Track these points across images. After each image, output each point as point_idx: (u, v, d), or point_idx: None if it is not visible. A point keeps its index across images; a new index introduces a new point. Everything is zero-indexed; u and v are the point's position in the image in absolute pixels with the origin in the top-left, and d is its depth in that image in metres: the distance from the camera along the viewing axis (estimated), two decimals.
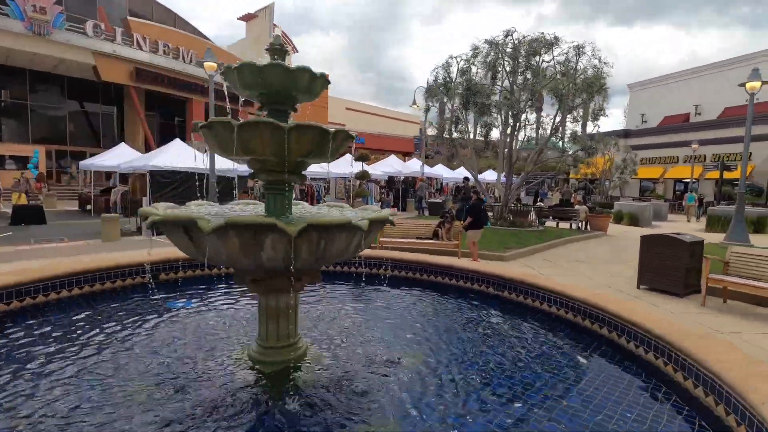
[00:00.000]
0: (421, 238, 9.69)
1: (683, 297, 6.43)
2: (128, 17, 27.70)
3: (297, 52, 51.90)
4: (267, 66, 2.92)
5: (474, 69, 14.04)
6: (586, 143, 13.37)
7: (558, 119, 13.48)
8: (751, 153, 27.19)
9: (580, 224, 14.99)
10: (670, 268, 6.59)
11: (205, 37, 35.53)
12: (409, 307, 4.72)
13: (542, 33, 13.12)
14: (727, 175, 24.52)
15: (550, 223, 15.54)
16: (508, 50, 12.92)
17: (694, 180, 27.58)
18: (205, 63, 10.55)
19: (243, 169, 15.98)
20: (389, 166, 23.16)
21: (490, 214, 13.68)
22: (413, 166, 25.06)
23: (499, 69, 13.25)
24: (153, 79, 27.26)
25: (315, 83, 3.01)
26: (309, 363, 3.18)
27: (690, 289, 6.58)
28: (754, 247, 7.78)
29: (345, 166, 19.43)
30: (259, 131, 2.77)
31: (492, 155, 16.96)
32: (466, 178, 15.32)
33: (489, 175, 25.70)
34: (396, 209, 21.10)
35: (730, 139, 28.68)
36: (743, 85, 12.11)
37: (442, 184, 29.13)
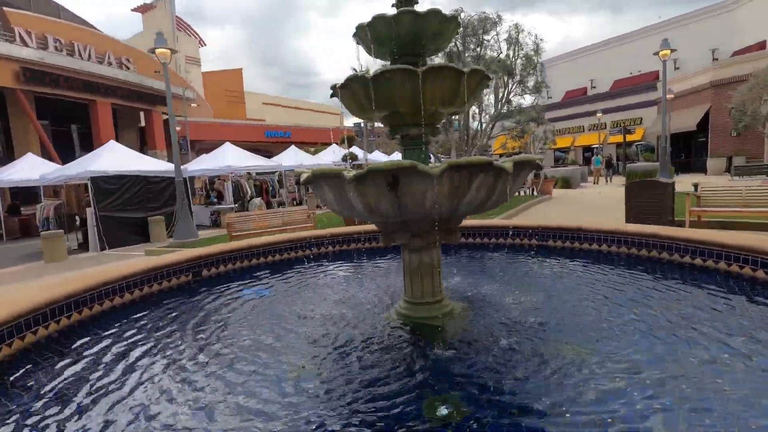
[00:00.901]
0: None
1: None
2: (3, 8, 23.63)
3: (205, 45, 48.41)
4: (399, 14, 2.84)
5: None
6: (533, 115, 14.48)
7: (506, 93, 14.40)
8: (641, 118, 31.44)
9: (528, 190, 16.31)
10: (655, 206, 7.57)
11: (98, 30, 31.57)
12: (555, 273, 4.21)
13: (484, 12, 13.87)
14: (629, 138, 28.08)
15: None
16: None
17: (599, 146, 31.17)
18: (157, 50, 9.50)
19: (195, 168, 14.77)
20: (333, 154, 22.86)
21: None
22: (357, 153, 25.02)
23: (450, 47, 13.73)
24: (45, 80, 23.66)
25: (447, 27, 2.96)
26: (456, 320, 3.19)
27: (669, 221, 7.64)
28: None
29: (293, 158, 18.84)
30: (394, 80, 2.71)
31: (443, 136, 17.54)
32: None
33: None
34: None
35: (623, 107, 32.77)
36: (657, 53, 13.99)
37: None
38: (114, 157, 12.10)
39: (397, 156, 25.97)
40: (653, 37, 35.54)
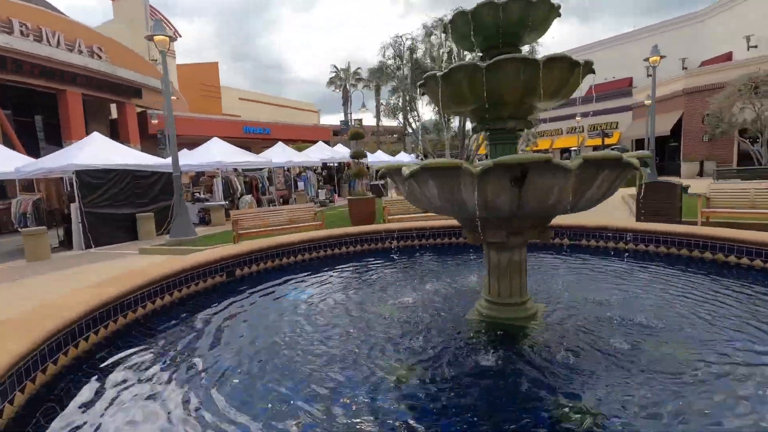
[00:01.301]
0: (426, 213, 9.75)
1: None
2: None
3: (180, 36, 46.72)
4: (509, 1, 2.73)
5: (423, 49, 14.36)
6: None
7: None
8: (617, 122, 32.55)
9: None
10: (666, 206, 7.77)
11: (67, 16, 29.81)
12: (614, 271, 4.13)
13: None
14: (606, 141, 29.01)
15: None
16: None
17: (576, 148, 32.09)
18: (155, 36, 8.95)
19: (185, 163, 14.13)
20: (320, 151, 22.47)
21: None
22: (342, 151, 24.71)
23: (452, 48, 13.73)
24: (10, 66, 22.13)
25: (552, 15, 2.87)
26: (540, 323, 3.08)
27: (678, 221, 7.86)
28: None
29: (281, 155, 18.39)
30: (508, 69, 2.60)
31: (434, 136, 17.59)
32: (425, 156, 15.71)
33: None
34: (336, 197, 20.70)
35: (599, 111, 33.86)
36: (647, 59, 14.44)
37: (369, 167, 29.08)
38: (99, 150, 11.38)
39: (403, 157, 25.76)
40: (627, 45, 36.97)
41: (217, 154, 14.83)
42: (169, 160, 14.00)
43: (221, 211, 14.00)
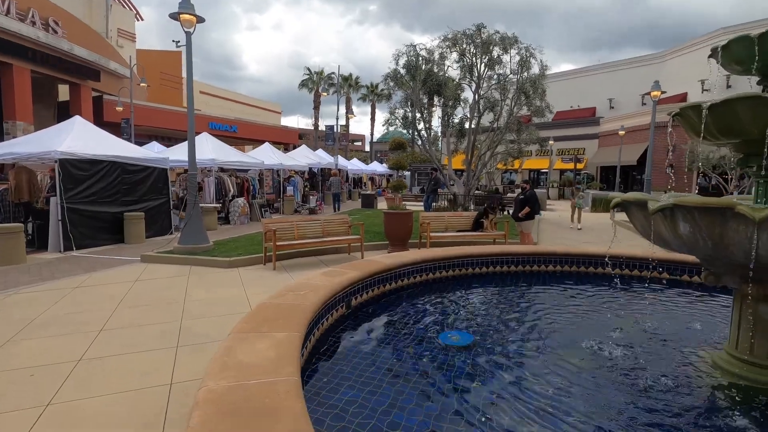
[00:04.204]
0: (462, 231, 9.24)
1: None
2: None
3: (143, 20, 43.34)
4: None
5: (436, 56, 13.99)
6: (537, 136, 14.80)
7: (514, 113, 14.50)
8: (585, 148, 34.23)
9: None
10: None
11: None
12: None
13: (497, 31, 13.86)
14: (572, 166, 30.36)
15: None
16: (480, 43, 13.24)
17: (546, 170, 33.30)
18: (182, 15, 7.78)
19: (177, 157, 12.65)
20: (306, 156, 21.37)
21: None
22: (326, 157, 23.76)
23: (474, 62, 13.47)
24: None
25: None
26: None
27: None
28: None
29: (271, 156, 17.19)
30: None
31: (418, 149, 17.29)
32: (433, 169, 15.24)
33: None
34: (322, 205, 19.71)
35: (568, 137, 35.49)
36: (648, 93, 15.08)
37: (348, 175, 28.21)
38: (84, 136, 9.80)
39: (376, 167, 24.94)
40: (592, 77, 39.25)
41: (210, 150, 13.45)
42: (163, 154, 12.51)
43: (213, 215, 12.64)
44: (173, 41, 8.13)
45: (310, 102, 47.67)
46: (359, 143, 74.36)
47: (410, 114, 14.29)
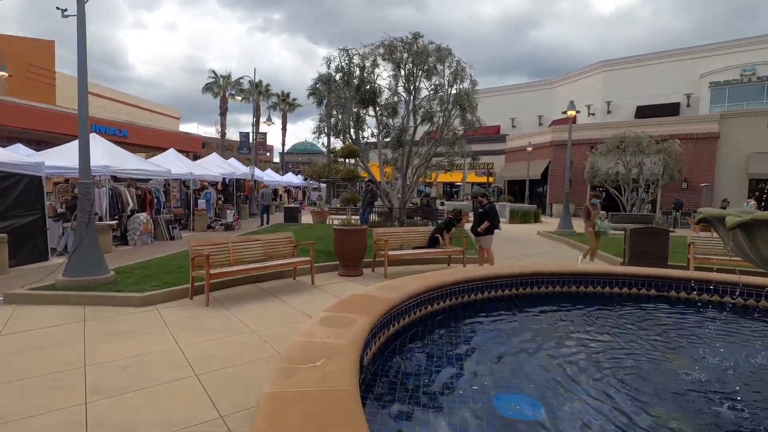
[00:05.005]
0: (418, 248, 8.47)
1: None
2: None
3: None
4: None
5: (369, 63, 13.33)
6: (469, 150, 14.84)
7: (449, 125, 14.38)
8: (493, 163, 36.33)
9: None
10: (657, 251, 8.18)
11: None
12: None
13: (432, 41, 13.69)
14: (483, 180, 32.05)
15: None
16: (416, 52, 12.85)
17: (459, 183, 34.62)
18: None
19: (55, 163, 10.03)
20: (217, 165, 19.07)
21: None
22: (241, 167, 21.59)
23: (412, 70, 13.01)
24: None
25: None
26: None
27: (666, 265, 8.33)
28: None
29: (178, 165, 14.90)
30: None
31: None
32: (370, 181, 14.27)
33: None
34: (239, 219, 17.67)
35: (478, 151, 37.35)
36: (565, 112, 16.10)
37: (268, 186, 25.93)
38: None
39: (292, 178, 23.19)
40: (494, 97, 42.12)
41: (101, 156, 10.97)
42: (37, 159, 9.94)
43: (108, 234, 10.24)
44: (57, 8, 6.16)
45: (210, 109, 44.50)
46: (267, 153, 70.92)
47: (341, 122, 13.37)
